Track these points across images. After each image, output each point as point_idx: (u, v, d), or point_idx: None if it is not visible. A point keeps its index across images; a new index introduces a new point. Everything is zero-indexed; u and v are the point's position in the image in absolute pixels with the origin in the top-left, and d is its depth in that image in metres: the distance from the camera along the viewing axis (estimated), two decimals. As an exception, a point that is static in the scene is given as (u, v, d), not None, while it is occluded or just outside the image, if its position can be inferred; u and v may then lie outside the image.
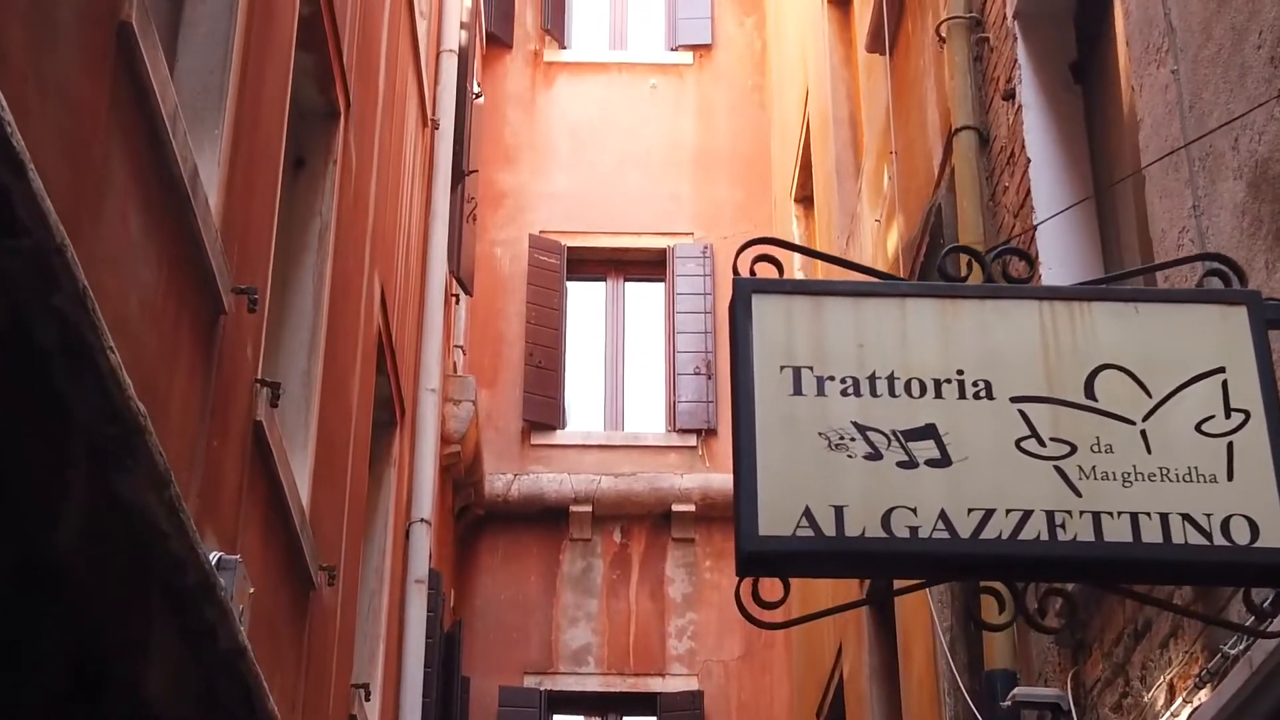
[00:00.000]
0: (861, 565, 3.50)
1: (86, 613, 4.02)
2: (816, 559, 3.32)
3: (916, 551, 3.31)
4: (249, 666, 4.88)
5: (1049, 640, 6.01)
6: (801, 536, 3.27)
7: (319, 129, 7.56)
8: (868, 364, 3.45)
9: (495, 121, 15.88)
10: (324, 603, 7.27)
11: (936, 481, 3.36)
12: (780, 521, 3.27)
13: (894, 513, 3.33)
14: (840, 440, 3.37)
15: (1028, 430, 3.46)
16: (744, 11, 16.78)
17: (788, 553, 3.28)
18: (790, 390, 3.41)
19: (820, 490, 3.31)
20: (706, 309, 15.31)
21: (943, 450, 3.39)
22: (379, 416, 9.54)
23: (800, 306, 3.48)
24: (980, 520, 3.33)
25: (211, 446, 5.11)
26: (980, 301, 3.57)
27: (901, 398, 3.43)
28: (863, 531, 3.30)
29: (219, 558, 4.98)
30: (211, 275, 4.97)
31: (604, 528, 14.61)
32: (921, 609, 8.31)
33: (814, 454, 3.35)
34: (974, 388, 3.47)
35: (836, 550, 3.28)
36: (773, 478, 3.30)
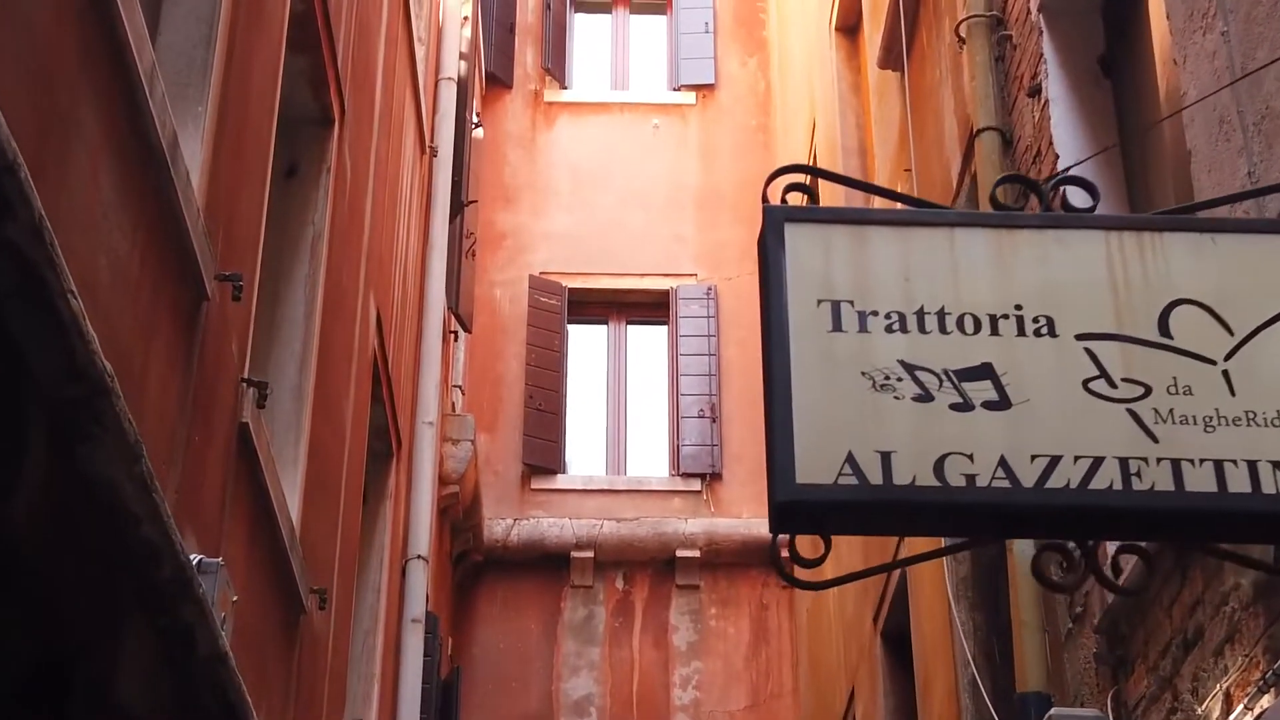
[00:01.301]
0: (912, 517, 3.13)
1: (48, 605, 3.66)
2: (861, 510, 2.97)
3: (974, 502, 2.96)
4: (231, 677, 4.51)
5: (1086, 658, 5.65)
6: (844, 485, 2.93)
7: (312, 136, 7.25)
8: (915, 298, 3.11)
9: (495, 161, 15.60)
10: (315, 629, 6.90)
11: (995, 425, 3.02)
12: (820, 468, 2.92)
13: (948, 459, 2.98)
14: (886, 380, 3.03)
15: (1096, 370, 3.11)
16: (747, 52, 16.54)
17: (828, 503, 2.93)
18: (829, 326, 3.07)
19: (864, 435, 2.97)
20: (711, 351, 14.97)
21: (1001, 391, 3.05)
22: (375, 447, 9.19)
23: (839, 237, 3.15)
24: (1045, 468, 2.99)
25: (192, 442, 4.77)
26: (1039, 231, 3.23)
27: (953, 335, 3.09)
28: (913, 480, 2.95)
29: (199, 560, 4.63)
30: (193, 257, 4.64)
31: (606, 574, 14.21)
32: (942, 643, 7.93)
33: (857, 395, 3.01)
34: (1034, 324, 3.13)
35: (883, 500, 2.93)
36: (811, 420, 2.96)
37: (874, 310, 3.11)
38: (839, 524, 3.03)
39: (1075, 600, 5.80)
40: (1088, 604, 5.66)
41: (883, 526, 3.25)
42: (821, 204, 11.78)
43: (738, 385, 14.85)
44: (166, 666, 4.27)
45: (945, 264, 3.15)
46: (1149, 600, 5.06)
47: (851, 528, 3.15)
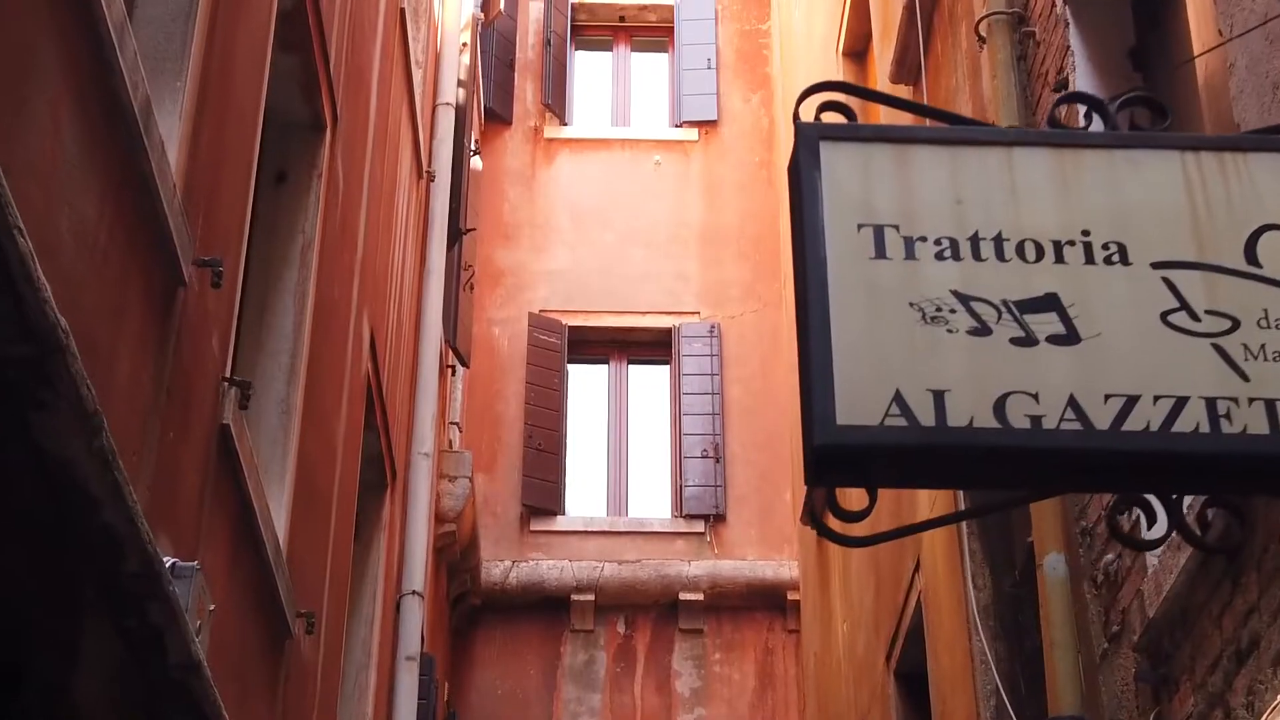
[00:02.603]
0: (969, 463, 2.77)
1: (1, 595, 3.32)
2: (911, 456, 2.62)
3: (1041, 446, 2.61)
4: (205, 689, 4.15)
5: (1124, 679, 5.28)
6: (892, 427, 2.58)
7: (303, 141, 6.95)
8: (969, 222, 2.78)
9: (494, 198, 15.31)
10: (302, 657, 6.53)
11: (1062, 362, 2.68)
12: (864, 409, 2.58)
13: (1010, 399, 2.64)
14: (937, 312, 2.69)
15: (1176, 302, 2.77)
16: (750, 88, 16.27)
17: (874, 447, 2.58)
18: (870, 253, 2.73)
19: (914, 371, 2.63)
20: (714, 390, 14.63)
21: (1068, 325, 2.71)
22: (368, 477, 8.84)
23: (881, 156, 2.82)
24: (1121, 409, 2.64)
25: (166, 438, 4.43)
26: (1107, 152, 2.90)
27: (1012, 262, 2.75)
28: (970, 421, 2.61)
29: (173, 563, 4.27)
30: (168, 237, 4.31)
31: (607, 618, 13.81)
32: (962, 677, 7.56)
33: (904, 328, 2.67)
34: (1104, 251, 2.79)
35: (937, 444, 2.59)
36: (853, 356, 2.61)
37: (922, 236, 2.78)
38: (886, 473, 2.68)
39: (1111, 618, 5.44)
40: (1125, 620, 5.29)
41: (935, 475, 2.87)
42: None
43: (741, 425, 14.51)
44: (133, 673, 3.91)
45: (1002, 186, 2.82)
46: (1196, 609, 4.70)
47: (899, 477, 2.79)
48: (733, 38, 16.50)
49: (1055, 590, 5.64)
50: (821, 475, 2.63)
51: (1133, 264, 2.81)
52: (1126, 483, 2.85)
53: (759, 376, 14.75)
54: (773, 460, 14.29)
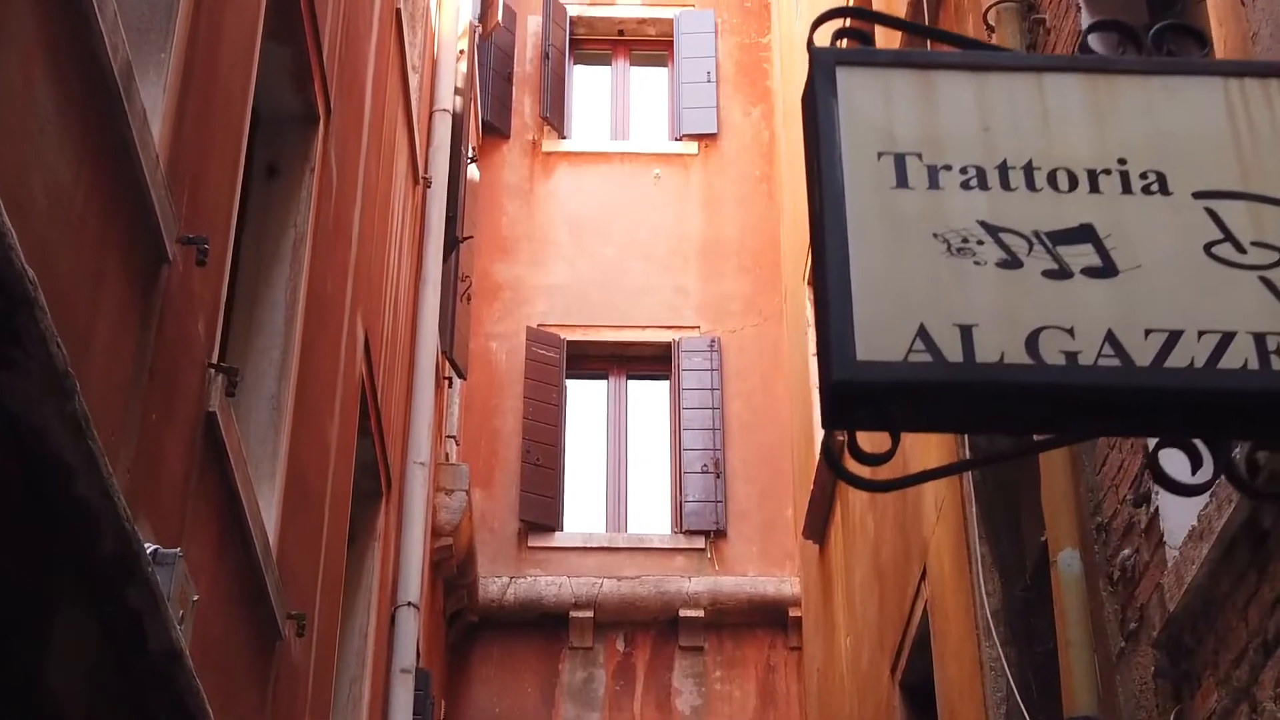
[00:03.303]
0: (999, 402, 2.58)
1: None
2: (937, 394, 2.44)
3: (1078, 383, 2.44)
4: (188, 681, 3.97)
5: (1142, 678, 5.10)
6: (916, 363, 2.41)
7: (296, 134, 6.78)
8: (997, 150, 2.60)
9: (491, 212, 15.15)
10: (293, 661, 6.34)
11: (1099, 295, 2.50)
12: (886, 344, 2.41)
13: (1043, 334, 2.46)
14: (964, 244, 2.52)
15: (1220, 233, 2.60)
16: (750, 101, 16.12)
17: (897, 384, 2.40)
18: (892, 182, 2.56)
19: (939, 305, 2.45)
20: (714, 405, 14.45)
21: (1105, 257, 2.54)
22: (363, 485, 8.66)
23: (902, 83, 2.64)
24: (1163, 345, 2.47)
25: (149, 420, 4.25)
26: (1144, 78, 2.73)
27: (1044, 192, 2.58)
28: (1000, 357, 2.44)
29: (154, 549, 4.09)
30: (151, 211, 4.14)
31: (606, 635, 13.60)
32: (971, 686, 7.37)
33: (928, 260, 2.50)
34: (1142, 181, 2.62)
35: (965, 381, 2.41)
36: (873, 289, 2.44)
37: (946, 164, 2.60)
38: (909, 413, 2.50)
39: (1129, 616, 5.26)
40: (1144, 617, 5.11)
41: (962, 416, 2.67)
42: None
43: (742, 440, 14.32)
44: (111, 660, 3.73)
45: (1032, 113, 2.65)
46: (1219, 601, 4.53)
47: (924, 419, 2.60)
48: (733, 51, 16.36)
49: (1070, 587, 5.47)
50: (840, 416, 2.45)
51: (1173, 194, 2.64)
52: (1169, 424, 2.66)
53: (760, 391, 14.58)
54: (774, 476, 14.11)
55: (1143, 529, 5.13)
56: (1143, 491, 5.14)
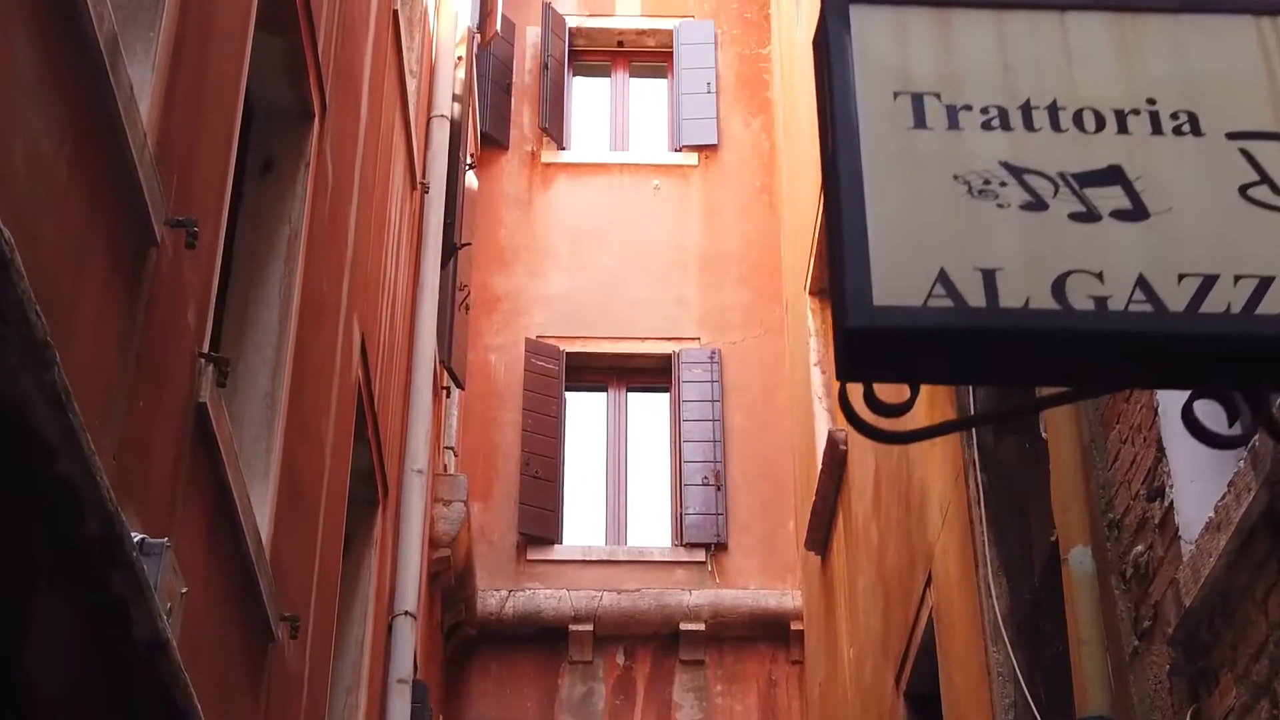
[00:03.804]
0: (1025, 348, 2.44)
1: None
2: (959, 341, 2.32)
3: (1108, 329, 2.31)
4: (175, 674, 3.84)
5: (1157, 677, 4.96)
6: (937, 308, 2.29)
7: (291, 130, 6.67)
8: (1019, 90, 2.48)
9: (490, 223, 15.04)
10: (287, 663, 6.21)
11: (1129, 238, 2.38)
12: (904, 288, 2.28)
13: (1070, 278, 2.34)
14: (986, 185, 2.39)
15: (1255, 175, 2.48)
16: (750, 112, 16.02)
17: (916, 330, 2.28)
18: (909, 122, 2.44)
19: (960, 248, 2.33)
20: (715, 416, 14.31)
21: (1135, 199, 2.42)
22: (359, 492, 8.54)
23: (918, 21, 2.51)
24: (1198, 290, 2.35)
25: (136, 406, 4.13)
26: (1173, 16, 2.61)
27: (1069, 133, 2.46)
28: (1026, 302, 2.32)
29: (141, 539, 3.97)
30: (138, 190, 4.02)
31: (606, 649, 13.45)
32: (978, 693, 7.23)
33: (948, 202, 2.38)
34: (1173, 121, 2.50)
35: (988, 327, 2.29)
36: (890, 232, 2.32)
37: (966, 104, 2.48)
38: (928, 362, 2.37)
39: (1143, 614, 5.12)
40: (1159, 614, 4.98)
41: (985, 365, 2.53)
42: None
43: (743, 452, 14.19)
44: (94, 649, 3.60)
45: (1056, 51, 2.53)
46: (1238, 594, 4.40)
47: (944, 368, 2.47)
48: (733, 62, 16.26)
49: (1082, 585, 5.34)
50: (856, 366, 2.32)
51: (1205, 135, 2.52)
52: (1204, 372, 2.53)
53: (760, 403, 14.45)
54: (775, 488, 13.98)
55: (1157, 524, 5.00)
56: (1156, 486, 5.02)
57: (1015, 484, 7.08)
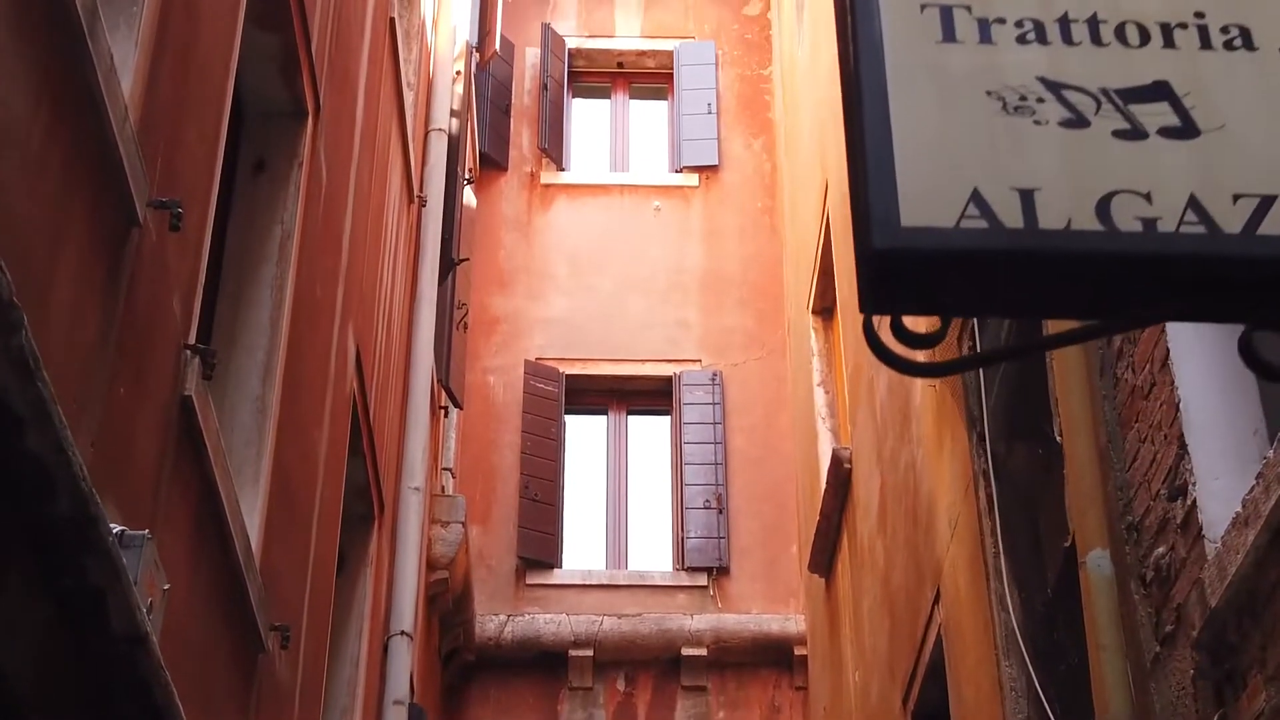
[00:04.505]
0: (1066, 275, 2.24)
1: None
2: (995, 263, 2.13)
3: (1157, 252, 2.13)
4: (156, 672, 3.65)
5: (1180, 683, 4.77)
6: (969, 229, 2.10)
7: (283, 129, 6.51)
8: (1056, 2, 2.31)
9: (489, 245, 14.87)
10: (278, 675, 6.01)
11: (1179, 157, 2.21)
12: (934, 209, 2.10)
13: (1115, 198, 2.16)
14: (1022, 101, 2.21)
15: (1313, 90, 2.31)
16: (751, 133, 15.88)
17: (948, 252, 2.09)
18: (937, 36, 2.26)
19: (995, 167, 2.15)
20: (716, 439, 14.12)
21: (1184, 116, 2.24)
22: (354, 507, 8.35)
23: (946, -71, 2.35)
24: (1255, 211, 2.16)
25: (115, 393, 3.95)
26: (1220, -75, 2.44)
27: (1111, 47, 2.28)
28: (1068, 223, 2.14)
29: (121, 531, 3.78)
30: (118, 165, 3.85)
31: (606, 674, 13.23)
32: (989, 710, 7.04)
33: (981, 119, 2.20)
34: (1223, 35, 2.32)
35: (1028, 248, 2.11)
36: (918, 149, 2.13)
37: (999, 17, 2.30)
38: (960, 290, 2.17)
39: (1164, 618, 4.93)
40: (1181, 617, 4.79)
41: (1021, 293, 2.31)
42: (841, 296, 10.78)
43: (745, 475, 14.00)
44: (69, 641, 3.41)
45: (1094, -37, 2.36)
46: (1267, 591, 4.21)
47: (977, 297, 2.27)
48: (733, 83, 16.13)
49: (1100, 589, 5.15)
50: (880, 294, 2.13)
51: (1258, 49, 2.35)
52: (1259, 301, 2.34)
53: (763, 426, 14.26)
54: (777, 511, 13.79)
55: (1179, 524, 4.82)
56: (1178, 484, 4.83)
57: (1026, 493, 6.90)
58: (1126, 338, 5.26)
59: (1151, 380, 5.04)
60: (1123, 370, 5.32)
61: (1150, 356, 5.06)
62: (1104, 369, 5.50)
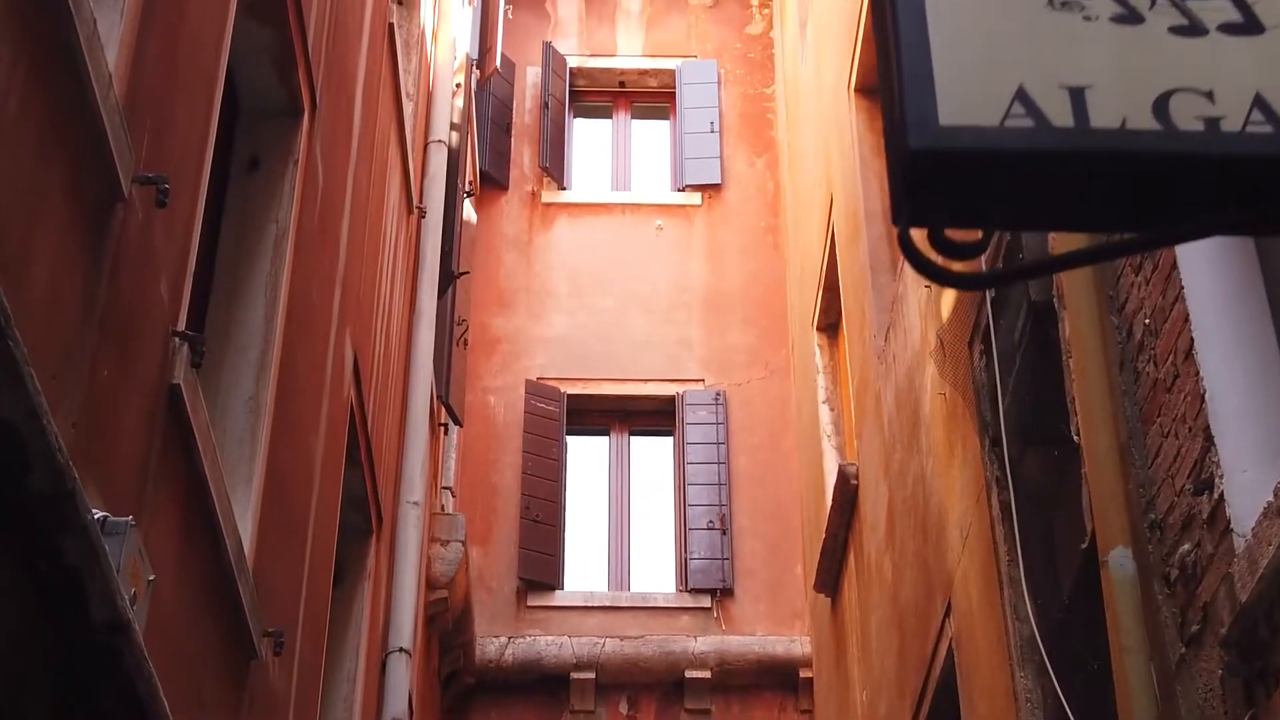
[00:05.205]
0: (1121, 176, 2.06)
1: None
2: (1044, 164, 1.94)
3: (1221, 152, 1.96)
4: (138, 660, 3.46)
5: (1208, 685, 4.58)
6: (1015, 128, 1.93)
7: (278, 126, 6.36)
8: None
9: (489, 264, 14.72)
10: (270, 683, 5.82)
11: (1241, 55, 2.03)
12: (976, 106, 1.92)
13: (1174, 97, 1.99)
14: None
15: (1385, -17, 2.14)
16: (755, 152, 15.73)
17: (993, 152, 1.91)
18: (976, -74, 2.09)
19: (1042, 64, 1.97)
20: (720, 459, 13.94)
21: (1246, 12, 2.07)
22: (352, 520, 8.17)
23: None
24: None
25: (98, 374, 3.77)
26: None
27: None
28: (1123, 122, 1.96)
29: (104, 517, 3.60)
30: (103, 138, 3.69)
31: (608, 698, 13.02)
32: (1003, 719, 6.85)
33: (1025, 13, 2.02)
34: None
35: (1080, 149, 1.93)
36: (956, 44, 1.96)
37: (1042, -94, 2.14)
38: (1005, 197, 1.98)
39: (1190, 618, 4.75)
40: (1209, 615, 4.60)
41: (1070, 200, 2.12)
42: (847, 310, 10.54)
43: (749, 495, 13.81)
44: (45, 627, 3.23)
45: None
46: (1301, 583, 4.03)
47: (1022, 206, 2.06)
48: (736, 101, 16.00)
49: (1123, 589, 4.97)
50: (916, 201, 1.94)
51: (1324, -60, 2.19)
52: None
53: (767, 446, 14.08)
54: (782, 532, 13.60)
55: (1205, 519, 4.64)
56: (1204, 478, 4.65)
57: (1040, 499, 6.73)
58: (1148, 330, 5.10)
59: (1175, 372, 4.87)
60: (1144, 364, 5.15)
61: (1173, 348, 4.89)
62: (1124, 364, 5.33)
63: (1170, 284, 4.92)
